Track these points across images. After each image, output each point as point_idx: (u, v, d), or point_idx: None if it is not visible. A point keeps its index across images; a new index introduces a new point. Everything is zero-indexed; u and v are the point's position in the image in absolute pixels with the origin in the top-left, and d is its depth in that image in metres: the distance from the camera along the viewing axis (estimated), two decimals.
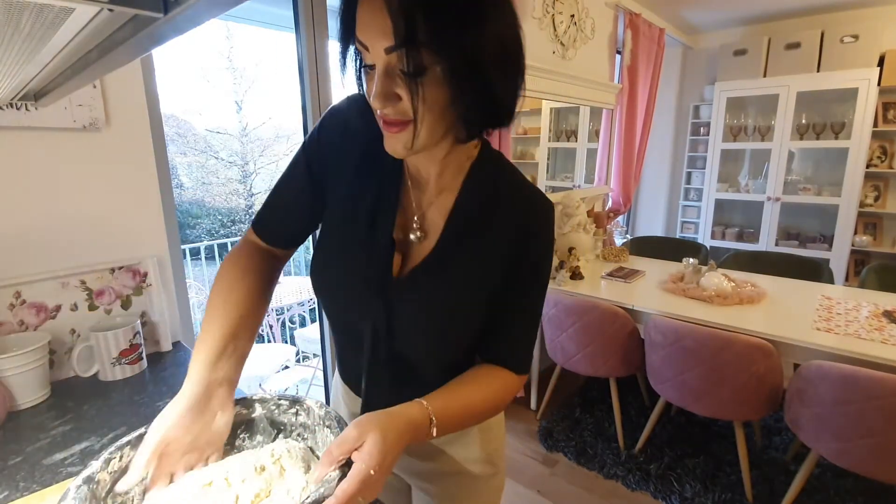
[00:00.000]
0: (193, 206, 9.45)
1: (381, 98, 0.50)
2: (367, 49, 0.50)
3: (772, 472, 1.96)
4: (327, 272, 0.67)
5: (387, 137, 0.55)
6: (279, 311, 3.45)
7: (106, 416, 0.91)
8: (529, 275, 0.65)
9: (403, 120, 0.52)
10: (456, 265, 0.63)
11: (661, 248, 3.06)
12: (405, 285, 0.63)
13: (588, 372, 2.15)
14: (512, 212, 0.64)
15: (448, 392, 0.61)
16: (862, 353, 1.53)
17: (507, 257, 0.63)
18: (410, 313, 0.63)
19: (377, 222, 0.64)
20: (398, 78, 0.50)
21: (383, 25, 0.46)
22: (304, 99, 1.64)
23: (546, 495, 1.92)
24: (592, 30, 2.76)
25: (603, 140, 3.20)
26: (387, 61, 0.49)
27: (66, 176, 1.07)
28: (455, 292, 0.63)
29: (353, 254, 0.65)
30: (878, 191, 3.51)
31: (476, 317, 0.65)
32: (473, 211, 0.64)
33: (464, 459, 0.76)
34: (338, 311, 0.70)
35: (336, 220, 0.68)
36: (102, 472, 0.50)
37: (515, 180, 0.67)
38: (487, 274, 0.63)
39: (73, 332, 1.08)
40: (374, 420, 0.50)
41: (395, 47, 0.47)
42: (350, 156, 0.66)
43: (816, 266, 2.55)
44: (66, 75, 0.60)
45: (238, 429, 0.61)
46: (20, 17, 0.34)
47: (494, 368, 0.67)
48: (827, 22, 3.47)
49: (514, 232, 0.63)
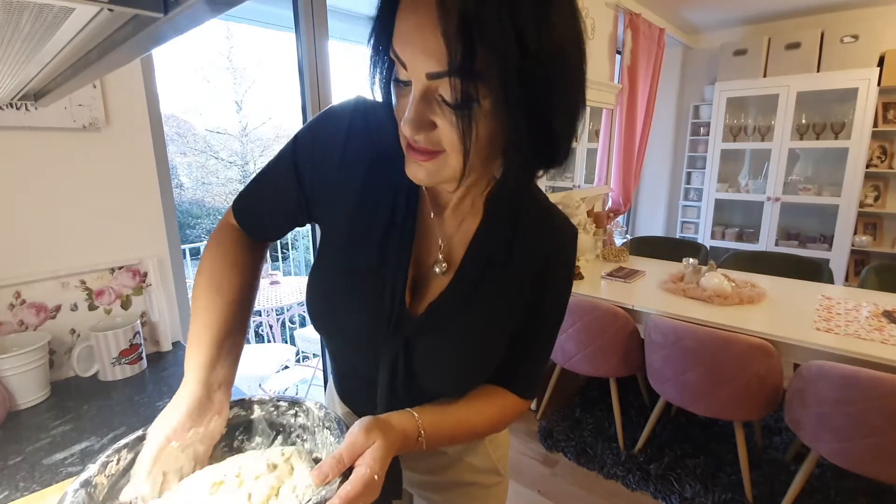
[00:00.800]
0: (193, 206, 9.45)
1: (414, 125, 0.43)
2: (405, 67, 0.43)
3: (772, 472, 1.96)
4: (329, 303, 0.61)
5: (410, 162, 0.48)
6: (279, 311, 3.45)
7: (106, 416, 0.90)
8: (550, 305, 0.63)
9: (433, 150, 0.46)
10: (478, 299, 0.58)
11: (661, 248, 3.06)
12: (425, 322, 0.58)
13: (588, 372, 2.15)
14: (536, 242, 0.60)
15: (442, 408, 0.59)
16: (862, 354, 1.53)
17: (529, 289, 0.60)
18: (431, 351, 0.59)
19: (388, 248, 0.57)
20: (437, 105, 0.43)
21: (432, 47, 0.39)
22: (304, 99, 1.64)
23: (546, 495, 1.92)
24: (592, 30, 2.76)
25: (603, 140, 3.20)
26: (427, 85, 0.42)
27: (67, 176, 1.06)
28: (479, 329, 0.59)
29: (363, 285, 0.58)
30: (878, 191, 3.52)
31: (500, 349, 0.62)
32: (496, 240, 0.58)
33: (472, 471, 0.75)
34: (344, 349, 0.65)
35: (339, 241, 0.60)
36: (100, 475, 0.49)
37: (539, 205, 0.62)
38: (511, 307, 0.60)
39: (73, 332, 1.08)
40: (378, 426, 0.50)
41: (444, 75, 0.40)
42: (354, 169, 0.58)
43: (816, 266, 2.54)
44: (66, 75, 0.60)
45: (236, 430, 0.60)
46: (20, 17, 0.34)
47: (500, 392, 0.64)
48: (827, 22, 3.47)
49: (538, 263, 0.60)
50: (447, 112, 0.43)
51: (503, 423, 0.64)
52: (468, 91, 0.40)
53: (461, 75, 0.39)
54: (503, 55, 0.38)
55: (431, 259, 0.60)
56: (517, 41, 0.38)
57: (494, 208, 0.58)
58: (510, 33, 0.38)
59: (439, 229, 0.59)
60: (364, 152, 0.58)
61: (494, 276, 0.58)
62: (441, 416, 0.58)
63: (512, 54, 0.39)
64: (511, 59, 0.39)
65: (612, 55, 3.05)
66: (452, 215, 0.59)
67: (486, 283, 0.58)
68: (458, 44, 0.38)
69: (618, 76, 3.14)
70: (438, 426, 0.57)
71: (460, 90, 0.40)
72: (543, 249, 0.60)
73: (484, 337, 0.59)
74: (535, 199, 0.62)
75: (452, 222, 0.59)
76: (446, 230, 0.60)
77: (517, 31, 0.38)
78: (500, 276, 0.59)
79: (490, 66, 0.39)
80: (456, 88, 0.40)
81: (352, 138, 0.58)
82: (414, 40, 0.41)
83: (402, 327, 0.58)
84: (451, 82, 0.40)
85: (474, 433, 0.62)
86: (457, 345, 0.59)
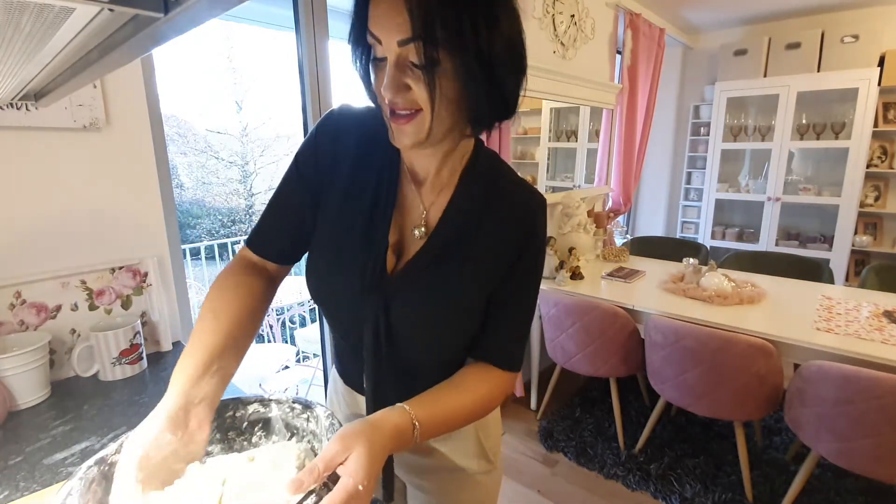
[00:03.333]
0: (194, 206, 9.45)
1: (391, 88, 0.52)
2: (380, 42, 0.52)
3: (772, 472, 1.96)
4: (323, 273, 0.67)
5: (395, 131, 0.56)
6: (279, 312, 3.45)
7: (106, 416, 0.91)
8: (523, 273, 0.66)
9: (412, 110, 0.54)
10: (450, 259, 0.63)
11: (661, 248, 3.06)
12: (401, 280, 0.63)
13: (588, 372, 2.15)
14: (507, 210, 0.65)
15: (433, 396, 0.61)
16: (862, 354, 1.53)
17: (502, 255, 0.64)
18: (407, 308, 0.63)
19: (374, 221, 0.64)
20: (409, 69, 0.52)
21: (399, 20, 0.49)
22: (304, 99, 1.64)
23: (546, 495, 1.92)
24: (592, 30, 2.76)
25: (603, 140, 3.19)
26: (399, 53, 0.51)
27: (67, 176, 1.07)
28: (450, 285, 0.63)
29: (350, 254, 0.65)
30: (879, 191, 3.51)
31: (474, 312, 0.65)
32: (469, 208, 0.64)
33: (460, 456, 0.76)
34: (336, 313, 0.70)
35: (331, 220, 0.67)
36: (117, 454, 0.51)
37: (510, 178, 0.68)
38: (483, 270, 0.64)
39: (74, 331, 1.08)
40: (358, 432, 0.49)
41: (410, 40, 0.49)
42: (344, 158, 0.67)
43: (816, 266, 2.54)
44: (66, 75, 0.60)
45: (256, 426, 0.61)
46: (20, 17, 0.34)
47: (484, 369, 0.67)
48: (827, 22, 3.46)
49: (509, 230, 0.65)
50: (418, 74, 0.52)
51: (494, 402, 0.67)
52: (431, 55, 0.50)
53: (424, 40, 0.49)
54: (458, 24, 0.49)
55: (413, 225, 0.66)
56: (470, 13, 0.49)
57: (468, 178, 0.65)
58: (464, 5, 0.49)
59: (421, 200, 0.66)
60: (351, 146, 0.67)
61: (467, 238, 0.64)
62: (433, 404, 0.59)
63: (466, 24, 0.49)
64: (465, 28, 0.49)
65: (613, 55, 3.05)
66: (431, 187, 0.66)
67: (459, 244, 0.64)
68: (420, 13, 0.48)
69: (618, 76, 3.13)
70: (432, 415, 0.58)
71: (423, 52, 0.49)
72: (514, 217, 0.66)
73: (455, 293, 0.64)
74: (506, 173, 0.69)
75: (431, 193, 0.66)
76: (426, 200, 0.66)
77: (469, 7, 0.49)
78: (471, 239, 0.64)
79: (448, 35, 0.49)
80: (420, 51, 0.50)
81: (341, 136, 0.67)
82: (384, 17, 0.50)
83: (382, 287, 0.63)
84: (416, 47, 0.50)
85: (468, 416, 0.64)
86: (429, 300, 0.63)
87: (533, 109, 3.23)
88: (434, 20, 0.48)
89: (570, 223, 2.59)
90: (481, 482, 0.79)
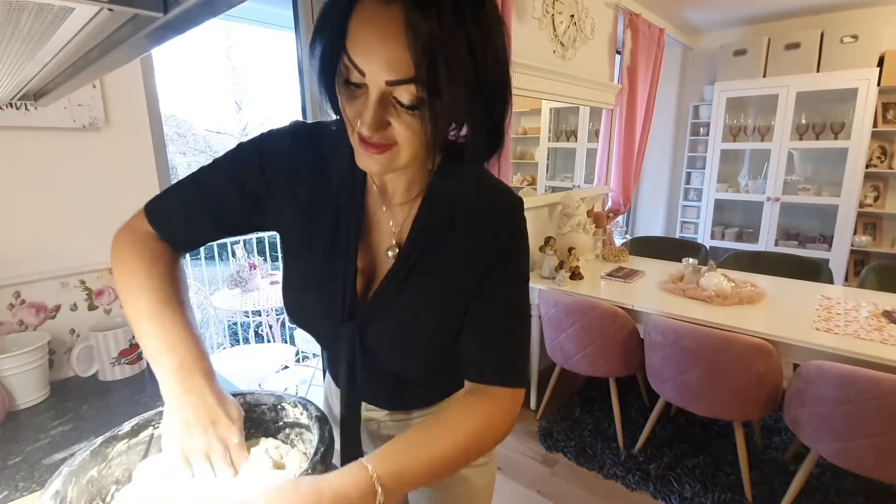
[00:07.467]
0: None
1: (372, 126, 0.47)
2: (363, 74, 0.45)
3: (772, 472, 1.96)
4: (294, 301, 0.66)
5: (361, 155, 0.51)
6: (279, 312, 3.44)
7: (106, 416, 0.90)
8: (504, 279, 0.61)
9: (386, 144, 0.49)
10: (421, 273, 0.60)
11: (660, 248, 3.06)
12: (374, 305, 0.61)
13: (588, 372, 2.15)
14: (477, 216, 0.60)
15: (408, 444, 0.52)
16: (861, 353, 1.53)
17: (477, 264, 0.60)
18: (381, 333, 0.61)
19: (336, 244, 0.61)
20: (391, 107, 0.47)
21: (397, 58, 0.43)
22: (303, 99, 1.64)
23: (546, 495, 1.92)
24: (592, 30, 2.76)
25: (603, 140, 3.20)
26: (384, 90, 0.46)
27: (66, 176, 1.06)
28: (427, 305, 0.60)
29: (317, 281, 0.63)
30: (878, 191, 3.52)
31: (452, 323, 0.61)
32: (437, 220, 0.60)
33: None
34: (312, 334, 0.69)
35: (294, 247, 0.64)
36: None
37: (479, 182, 0.63)
38: (458, 281, 0.60)
39: (73, 331, 1.08)
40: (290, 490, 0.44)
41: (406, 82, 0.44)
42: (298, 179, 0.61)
43: (816, 266, 2.55)
44: (65, 75, 0.60)
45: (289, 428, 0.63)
46: (20, 16, 0.34)
47: (476, 396, 0.59)
48: (827, 22, 3.47)
49: (481, 236, 0.60)
50: (402, 112, 0.47)
51: (496, 431, 0.59)
52: (422, 96, 0.45)
53: (425, 85, 0.44)
54: (459, 66, 0.44)
55: (385, 247, 0.63)
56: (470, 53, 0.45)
57: (434, 191, 0.61)
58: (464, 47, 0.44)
59: (391, 219, 0.63)
60: (305, 164, 0.62)
61: (438, 252, 0.60)
62: (406, 455, 0.51)
63: (467, 67, 0.45)
64: (467, 71, 0.45)
65: (612, 55, 3.05)
66: (401, 205, 0.62)
67: (430, 259, 0.60)
68: (425, 59, 0.43)
69: (618, 76, 3.13)
70: (403, 471, 0.49)
71: (416, 95, 0.45)
72: (486, 223, 0.61)
73: (432, 312, 0.61)
74: (480, 179, 0.63)
75: (401, 212, 0.62)
76: (397, 219, 0.63)
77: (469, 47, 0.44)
78: (443, 252, 0.60)
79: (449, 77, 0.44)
80: (412, 94, 0.45)
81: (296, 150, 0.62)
82: (376, 51, 0.44)
83: (355, 314, 0.61)
84: (409, 88, 0.45)
85: (458, 458, 0.55)
86: (403, 319, 0.61)
87: (533, 109, 3.23)
88: (438, 58, 0.43)
89: (570, 223, 2.59)
90: (475, 476, 0.79)
